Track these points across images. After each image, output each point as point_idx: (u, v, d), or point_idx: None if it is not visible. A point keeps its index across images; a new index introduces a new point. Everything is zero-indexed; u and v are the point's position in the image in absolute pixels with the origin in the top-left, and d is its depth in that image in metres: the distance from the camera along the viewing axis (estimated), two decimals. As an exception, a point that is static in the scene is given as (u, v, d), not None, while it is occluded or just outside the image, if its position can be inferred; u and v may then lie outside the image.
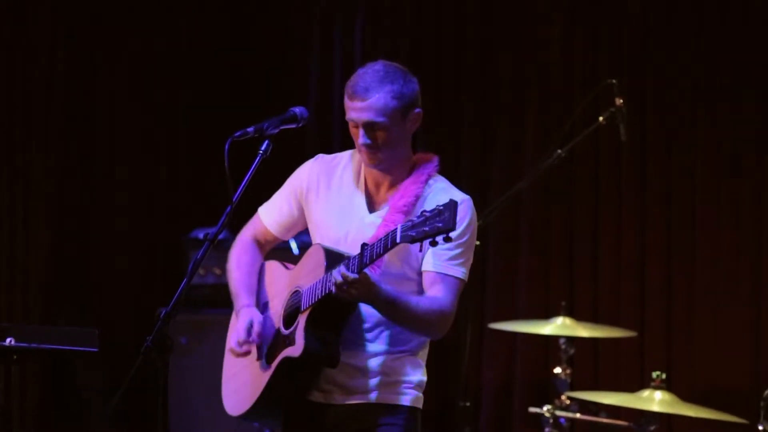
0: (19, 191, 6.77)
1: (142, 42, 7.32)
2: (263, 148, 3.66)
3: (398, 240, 3.37)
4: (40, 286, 6.86)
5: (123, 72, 7.29)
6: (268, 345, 3.74)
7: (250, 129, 3.67)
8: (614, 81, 5.85)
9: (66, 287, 7.05)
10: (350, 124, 3.71)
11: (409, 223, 3.36)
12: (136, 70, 7.32)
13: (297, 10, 7.56)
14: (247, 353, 3.75)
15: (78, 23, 7.13)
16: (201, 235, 6.68)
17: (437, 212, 3.32)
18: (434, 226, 3.31)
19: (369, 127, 3.65)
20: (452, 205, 3.31)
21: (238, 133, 3.65)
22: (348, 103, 3.70)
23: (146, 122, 7.36)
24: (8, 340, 4.08)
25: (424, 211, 3.36)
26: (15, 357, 4.15)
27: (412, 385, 3.72)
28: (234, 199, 3.56)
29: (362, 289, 3.46)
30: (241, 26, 7.61)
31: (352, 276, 3.43)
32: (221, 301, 4.10)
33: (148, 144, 7.37)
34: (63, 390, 6.95)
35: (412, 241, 3.34)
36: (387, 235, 3.41)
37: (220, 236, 3.57)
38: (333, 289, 3.48)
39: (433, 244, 3.33)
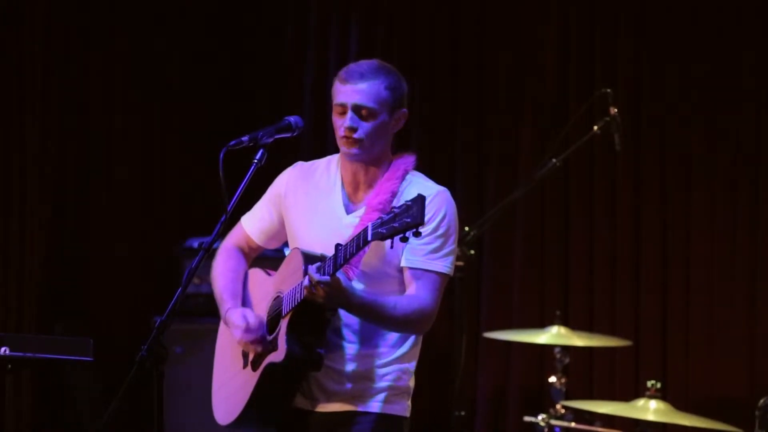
0: (14, 198, 6.75)
1: (138, 48, 7.32)
2: (258, 157, 3.66)
3: (369, 238, 3.37)
4: (36, 295, 6.85)
5: (118, 80, 7.28)
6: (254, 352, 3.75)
7: (245, 138, 3.67)
8: (609, 90, 5.86)
9: (61, 296, 7.04)
10: (336, 111, 3.71)
11: (379, 221, 3.35)
12: (132, 76, 7.32)
13: (292, 17, 7.56)
14: (261, 339, 3.70)
15: (74, 30, 7.12)
16: (196, 244, 6.68)
17: (405, 208, 3.31)
18: (403, 222, 3.30)
19: (357, 111, 3.66)
20: (420, 200, 3.30)
21: (232, 143, 3.65)
22: (339, 87, 3.70)
23: (142, 130, 7.35)
24: (3, 349, 4.08)
25: (393, 207, 3.36)
26: (9, 366, 4.14)
27: (397, 392, 3.71)
28: (228, 209, 3.56)
29: (332, 292, 3.45)
30: (236, 34, 7.61)
31: (321, 279, 3.42)
32: (216, 311, 4.09)
33: (143, 153, 7.37)
34: (57, 399, 6.94)
35: (383, 238, 3.33)
36: (359, 235, 3.41)
37: (215, 245, 3.57)
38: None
39: (404, 240, 3.32)
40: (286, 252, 5.77)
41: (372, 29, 7.30)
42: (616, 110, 5.80)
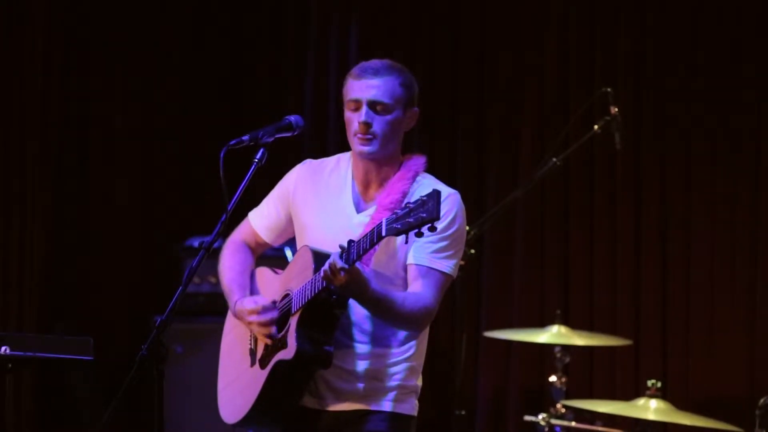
0: (14, 198, 6.76)
1: (138, 48, 7.32)
2: (258, 156, 3.66)
3: (384, 233, 3.35)
4: (36, 295, 6.85)
5: (118, 80, 7.29)
6: (262, 350, 3.74)
7: (246, 137, 3.67)
8: (609, 89, 5.86)
9: (61, 295, 7.05)
10: (349, 108, 3.70)
11: (393, 216, 3.34)
12: (133, 76, 7.32)
13: (292, 18, 7.56)
14: (272, 319, 3.69)
15: (75, 31, 7.13)
16: (196, 244, 6.68)
17: (421, 203, 3.29)
18: (418, 217, 3.28)
19: (372, 106, 3.66)
20: (435, 195, 3.28)
21: (233, 142, 3.65)
22: (353, 84, 3.69)
23: (142, 128, 7.35)
24: (3, 348, 4.07)
25: (408, 203, 3.35)
26: (10, 366, 4.14)
27: (406, 391, 3.71)
28: (229, 208, 3.55)
29: (351, 278, 3.42)
30: (236, 33, 7.61)
31: (343, 265, 3.39)
32: (217, 310, 4.10)
33: (143, 151, 7.37)
34: (57, 399, 6.94)
35: (398, 233, 3.32)
36: (372, 230, 3.39)
37: (216, 244, 3.57)
38: (323, 284, 3.47)
39: (419, 235, 3.30)
40: (287, 252, 5.81)
41: (372, 29, 7.30)
42: (616, 109, 5.79)
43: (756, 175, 6.44)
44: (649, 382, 5.38)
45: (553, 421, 5.79)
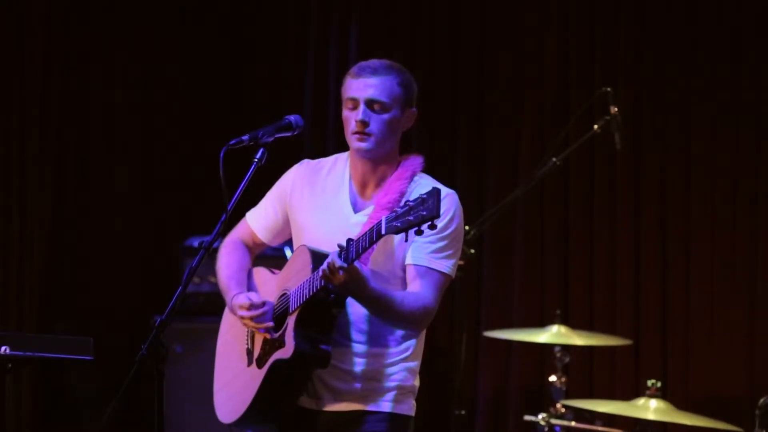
0: (14, 198, 6.76)
1: (138, 47, 7.32)
2: (258, 156, 3.66)
3: (383, 232, 3.35)
4: (36, 294, 6.85)
5: (118, 80, 7.28)
6: (260, 350, 3.74)
7: (245, 137, 3.67)
8: (609, 89, 5.86)
9: (61, 295, 7.04)
10: (346, 106, 3.71)
11: (393, 215, 3.34)
12: (133, 76, 7.32)
13: (292, 17, 7.56)
14: (265, 315, 3.70)
15: (75, 31, 7.13)
16: (196, 243, 6.68)
17: (421, 201, 3.30)
18: (418, 215, 3.29)
19: (369, 105, 3.67)
20: (435, 193, 3.28)
21: (233, 141, 3.66)
22: (351, 82, 3.70)
23: (142, 128, 7.35)
24: (3, 348, 4.08)
25: (408, 201, 3.35)
26: (10, 366, 4.14)
27: (404, 392, 3.71)
28: (229, 208, 3.56)
29: (350, 277, 3.43)
30: (236, 33, 7.61)
31: (341, 264, 3.40)
32: (216, 310, 4.09)
33: (143, 151, 7.37)
34: (57, 399, 6.94)
35: (397, 231, 3.32)
36: (372, 229, 3.39)
37: (215, 244, 3.57)
38: (321, 283, 3.47)
39: (419, 233, 3.31)
40: (287, 251, 5.81)
41: (372, 29, 7.30)
42: (616, 109, 5.80)
43: (756, 175, 6.44)
44: (649, 382, 5.38)
45: (553, 421, 5.80)
